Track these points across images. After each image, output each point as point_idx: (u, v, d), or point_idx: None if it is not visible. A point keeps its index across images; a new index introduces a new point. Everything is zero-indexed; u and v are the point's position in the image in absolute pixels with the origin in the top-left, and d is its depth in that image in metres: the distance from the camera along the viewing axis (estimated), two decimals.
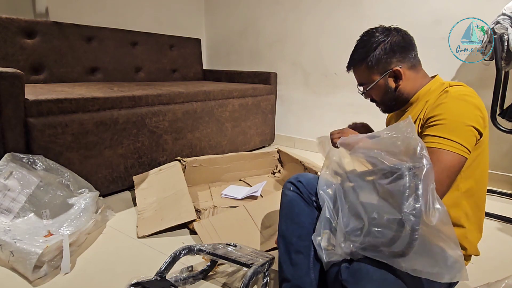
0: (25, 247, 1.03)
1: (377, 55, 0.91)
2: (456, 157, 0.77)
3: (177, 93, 1.92)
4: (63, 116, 1.42)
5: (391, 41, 0.91)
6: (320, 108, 2.68)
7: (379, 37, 0.92)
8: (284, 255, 0.89)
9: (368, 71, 0.94)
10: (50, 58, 2.00)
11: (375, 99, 0.99)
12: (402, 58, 0.92)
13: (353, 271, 0.73)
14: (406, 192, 0.64)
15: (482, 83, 1.91)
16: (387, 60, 0.91)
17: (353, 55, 0.98)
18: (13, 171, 1.22)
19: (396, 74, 0.92)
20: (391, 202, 0.67)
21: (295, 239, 0.88)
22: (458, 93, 0.83)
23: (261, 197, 1.66)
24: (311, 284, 0.84)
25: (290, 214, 0.93)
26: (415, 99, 0.94)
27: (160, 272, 0.94)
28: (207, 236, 1.22)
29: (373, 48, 0.92)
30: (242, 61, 3.09)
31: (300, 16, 2.65)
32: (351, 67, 1.00)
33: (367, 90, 0.97)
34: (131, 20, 2.60)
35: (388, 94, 0.95)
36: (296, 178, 0.97)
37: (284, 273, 0.88)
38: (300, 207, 0.92)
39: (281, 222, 0.95)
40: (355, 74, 1.00)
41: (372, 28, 0.96)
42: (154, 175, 1.67)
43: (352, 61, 0.98)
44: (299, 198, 0.93)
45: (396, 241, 0.65)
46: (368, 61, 0.93)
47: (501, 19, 1.56)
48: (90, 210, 1.29)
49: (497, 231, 1.47)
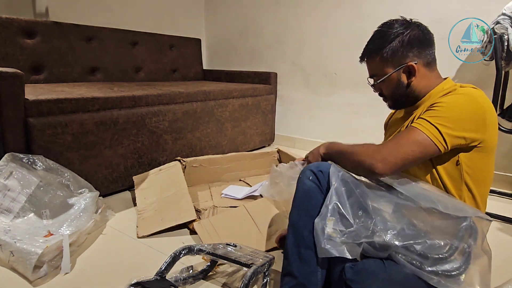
0: (25, 247, 1.03)
1: (393, 47, 0.88)
2: (427, 141, 0.76)
3: (177, 93, 1.92)
4: (63, 116, 1.42)
5: (410, 34, 0.87)
6: (320, 108, 2.68)
7: (398, 29, 0.88)
8: (293, 248, 0.83)
9: (382, 63, 0.90)
10: (50, 58, 2.00)
11: (384, 93, 0.96)
12: (418, 53, 0.88)
13: (358, 270, 0.72)
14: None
15: (482, 83, 1.90)
16: (403, 53, 0.88)
17: (369, 44, 0.93)
18: (13, 171, 1.22)
19: (410, 70, 0.89)
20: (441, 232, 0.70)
21: (307, 233, 0.81)
22: (466, 91, 0.82)
23: (261, 197, 1.66)
24: (317, 284, 0.80)
25: (305, 205, 0.84)
26: (426, 99, 0.91)
27: (160, 272, 0.94)
28: (207, 236, 1.22)
29: (390, 39, 0.88)
30: (242, 61, 3.09)
31: (300, 16, 2.65)
32: (364, 57, 0.95)
33: (378, 82, 0.93)
34: (131, 20, 2.60)
35: (399, 89, 0.92)
36: (317, 167, 0.87)
37: (290, 266, 0.82)
38: (317, 199, 0.83)
39: (293, 212, 0.87)
40: (368, 65, 0.96)
41: (392, 20, 0.93)
42: (154, 175, 1.67)
43: (367, 51, 0.94)
44: (317, 189, 0.84)
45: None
46: (384, 52, 0.89)
47: (501, 19, 1.57)
48: (90, 210, 1.29)
49: (497, 231, 1.47)
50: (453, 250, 0.68)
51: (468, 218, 0.69)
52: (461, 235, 0.68)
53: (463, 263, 0.68)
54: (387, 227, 0.72)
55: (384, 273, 0.70)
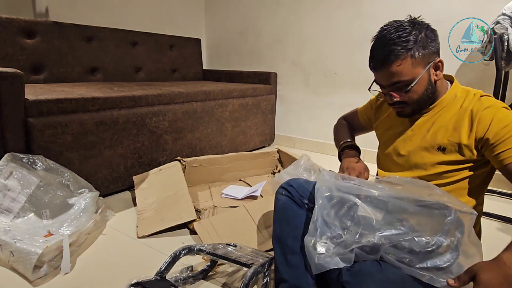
0: (25, 247, 1.03)
1: (421, 45, 0.83)
2: None
3: (177, 93, 1.92)
4: (63, 116, 1.42)
5: (425, 32, 0.85)
6: (320, 108, 2.68)
7: (414, 27, 0.84)
8: (280, 257, 0.89)
9: (412, 64, 0.84)
10: (50, 58, 2.00)
11: (411, 98, 0.88)
12: (437, 50, 0.87)
13: (355, 272, 0.72)
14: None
15: (482, 83, 1.91)
16: (430, 49, 0.85)
17: (392, 47, 0.83)
18: (13, 171, 1.22)
19: (437, 66, 0.87)
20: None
21: (290, 241, 0.88)
22: (498, 104, 0.84)
23: (261, 197, 1.66)
24: (308, 283, 0.84)
25: (283, 217, 0.94)
26: (443, 105, 0.90)
27: (160, 272, 0.94)
28: (207, 236, 1.22)
29: (414, 38, 0.83)
30: (242, 61, 3.09)
31: (300, 16, 2.65)
32: (387, 64, 0.84)
33: (413, 86, 0.85)
34: (131, 20, 2.60)
35: (428, 90, 0.87)
36: (287, 183, 0.97)
37: (280, 274, 0.88)
38: (293, 209, 0.93)
39: (275, 226, 0.95)
40: (390, 71, 0.85)
41: (396, 20, 0.88)
42: (154, 175, 1.67)
43: (392, 55, 0.83)
44: (291, 201, 0.93)
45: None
46: (414, 52, 0.83)
47: (501, 19, 1.57)
48: (90, 210, 1.29)
49: (497, 231, 1.47)
50: (440, 243, 0.70)
51: (452, 212, 0.71)
52: (447, 228, 0.70)
53: (452, 256, 0.69)
54: (375, 229, 0.74)
55: (380, 274, 0.70)
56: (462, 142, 0.85)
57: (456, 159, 0.87)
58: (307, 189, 0.94)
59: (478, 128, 0.83)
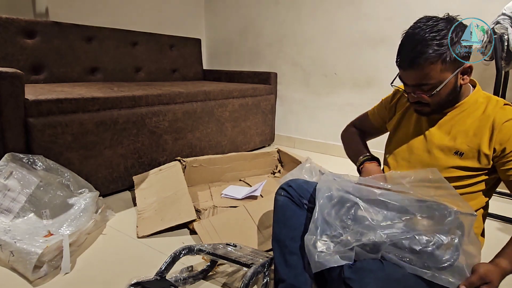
0: (25, 247, 1.03)
1: (453, 50, 0.79)
2: None
3: (177, 93, 1.92)
4: (63, 116, 1.42)
5: (461, 35, 0.82)
6: (320, 108, 2.68)
7: (451, 29, 0.80)
8: (279, 258, 0.90)
9: (442, 68, 0.80)
10: (50, 58, 2.00)
11: (434, 100, 0.85)
12: (468, 55, 0.83)
13: (356, 269, 0.73)
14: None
15: (482, 83, 1.90)
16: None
17: (424, 49, 0.78)
18: (13, 171, 1.22)
19: (466, 70, 0.84)
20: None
21: (288, 241, 0.89)
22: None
23: (261, 197, 1.66)
24: (306, 283, 0.84)
25: (282, 218, 0.94)
26: (464, 108, 0.89)
27: (160, 272, 0.94)
28: (207, 236, 1.22)
29: (447, 43, 0.79)
30: (242, 61, 3.09)
31: (300, 16, 2.65)
32: (415, 64, 0.80)
33: (439, 89, 0.82)
34: (131, 20, 2.60)
35: (452, 94, 0.85)
36: (287, 183, 0.98)
37: (279, 273, 0.89)
38: (292, 210, 0.93)
39: (275, 226, 0.96)
40: (418, 72, 0.81)
41: (431, 16, 0.85)
42: (154, 175, 1.67)
43: (422, 58, 0.79)
44: (290, 202, 0.94)
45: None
46: (446, 57, 0.79)
47: (501, 19, 1.56)
48: (90, 210, 1.29)
49: (497, 231, 1.47)
50: (441, 242, 0.70)
51: (452, 213, 0.71)
52: (447, 228, 0.71)
53: (452, 255, 0.70)
54: (375, 228, 0.75)
55: (382, 271, 0.71)
56: (482, 149, 0.83)
57: (472, 166, 0.85)
58: (307, 189, 0.94)
59: (497, 138, 0.82)
